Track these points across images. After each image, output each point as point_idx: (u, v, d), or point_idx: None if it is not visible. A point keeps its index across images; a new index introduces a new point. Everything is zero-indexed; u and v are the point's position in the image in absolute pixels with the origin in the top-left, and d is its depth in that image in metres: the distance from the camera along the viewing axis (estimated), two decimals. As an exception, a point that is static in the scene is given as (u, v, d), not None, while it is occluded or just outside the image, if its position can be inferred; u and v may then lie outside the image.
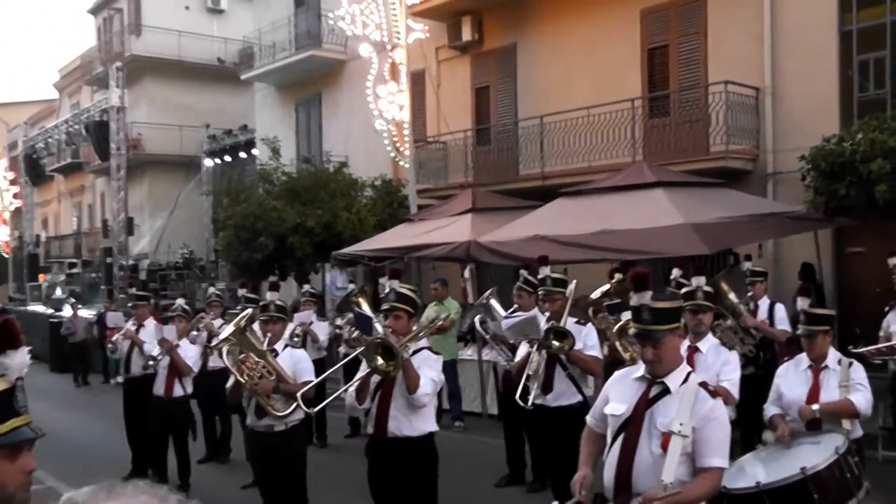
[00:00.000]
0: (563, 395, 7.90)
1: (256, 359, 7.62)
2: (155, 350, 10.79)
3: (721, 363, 6.94)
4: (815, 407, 6.39)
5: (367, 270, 20.60)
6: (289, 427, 7.72)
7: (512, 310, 9.94)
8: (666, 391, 4.73)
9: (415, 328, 6.87)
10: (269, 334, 7.79)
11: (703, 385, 4.76)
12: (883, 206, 12.05)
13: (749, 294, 10.94)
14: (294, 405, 7.61)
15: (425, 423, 6.61)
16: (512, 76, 21.03)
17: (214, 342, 10.28)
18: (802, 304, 6.77)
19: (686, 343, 7.03)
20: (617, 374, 5.18)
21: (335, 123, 25.48)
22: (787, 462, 5.95)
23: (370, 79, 19.82)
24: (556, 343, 7.70)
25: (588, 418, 5.24)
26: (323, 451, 12.63)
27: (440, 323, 9.18)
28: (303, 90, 26.90)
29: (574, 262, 13.35)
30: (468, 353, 14.59)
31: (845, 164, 12.26)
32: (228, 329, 7.89)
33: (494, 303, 10.13)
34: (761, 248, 14.44)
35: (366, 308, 9.87)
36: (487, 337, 10.35)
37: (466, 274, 14.74)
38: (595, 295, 11.05)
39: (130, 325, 11.75)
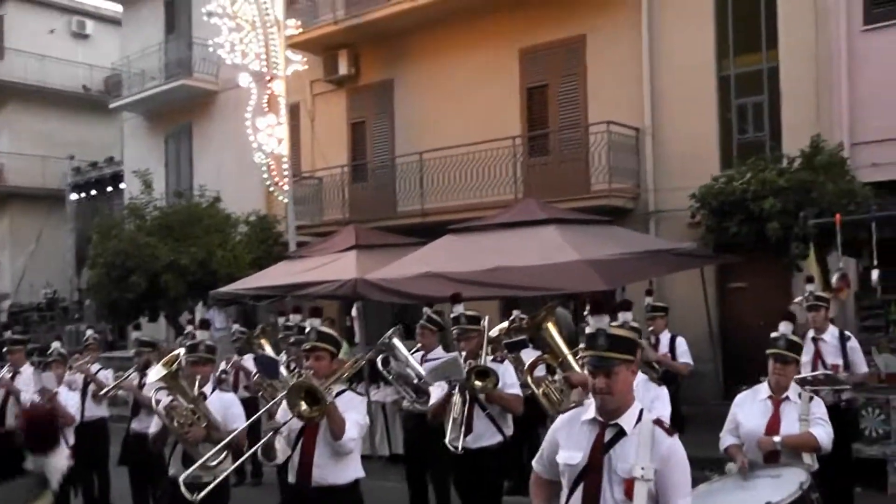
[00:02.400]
0: (484, 435, 7.32)
1: (186, 404, 6.87)
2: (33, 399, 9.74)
3: (651, 399, 6.59)
4: (777, 439, 6.15)
5: (240, 310, 19.71)
6: (217, 478, 6.97)
7: (415, 349, 9.51)
8: (621, 433, 4.33)
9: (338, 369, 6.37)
10: (198, 377, 7.03)
11: (658, 423, 4.39)
12: (774, 243, 12.14)
13: (650, 329, 10.86)
14: (224, 454, 6.88)
15: (351, 469, 6.20)
16: (389, 112, 20.58)
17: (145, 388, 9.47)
18: (785, 329, 6.47)
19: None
20: (563, 418, 4.67)
21: (206, 156, 24.42)
22: (746, 495, 5.73)
23: (249, 110, 19.00)
24: (479, 383, 7.19)
25: (535, 465, 4.77)
26: (256, 488, 11.92)
27: (362, 363, 8.59)
28: (173, 121, 25.64)
29: (468, 299, 12.87)
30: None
31: (736, 202, 12.29)
32: (158, 372, 7.07)
33: (397, 342, 9.55)
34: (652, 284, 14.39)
35: (269, 349, 9.21)
36: (390, 377, 9.73)
37: (353, 313, 14.06)
38: (493, 332, 10.65)
39: (5, 373, 10.63)
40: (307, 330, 6.45)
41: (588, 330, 4.43)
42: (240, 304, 17.19)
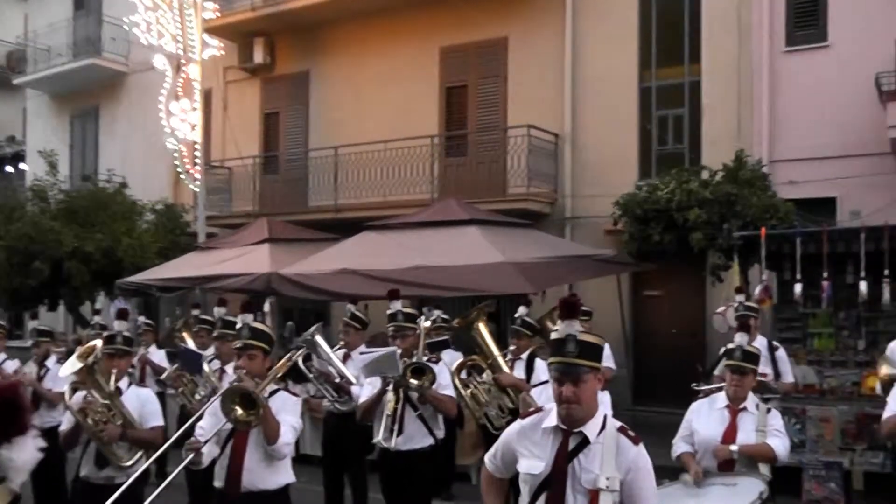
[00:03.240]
0: (414, 437, 6.94)
1: (102, 401, 6.30)
2: None
3: (603, 405, 6.31)
4: (734, 448, 6.02)
5: (141, 302, 18.91)
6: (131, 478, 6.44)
7: (337, 347, 9.13)
8: (585, 442, 4.07)
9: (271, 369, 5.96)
10: (114, 371, 6.45)
11: (623, 430, 4.15)
12: (697, 253, 12.16)
13: None
14: (139, 454, 6.39)
15: (282, 474, 5.82)
16: (304, 104, 20.02)
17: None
18: (741, 339, 6.32)
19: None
20: (520, 424, 4.37)
21: (113, 140, 23.33)
22: (697, 503, 5.60)
23: (163, 93, 18.13)
24: (414, 381, 6.82)
25: (488, 463, 4.50)
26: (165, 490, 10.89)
27: (296, 361, 8.12)
28: (80, 101, 24.43)
29: (380, 298, 12.60)
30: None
31: (660, 211, 12.20)
32: (73, 365, 6.45)
33: (320, 339, 9.10)
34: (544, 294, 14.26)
35: (191, 343, 8.66)
36: (311, 375, 9.28)
37: (266, 308, 13.53)
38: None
39: None
40: (239, 325, 5.98)
41: (555, 335, 4.10)
42: (146, 295, 16.46)
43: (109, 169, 19.14)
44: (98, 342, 6.58)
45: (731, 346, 6.43)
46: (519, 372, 8.49)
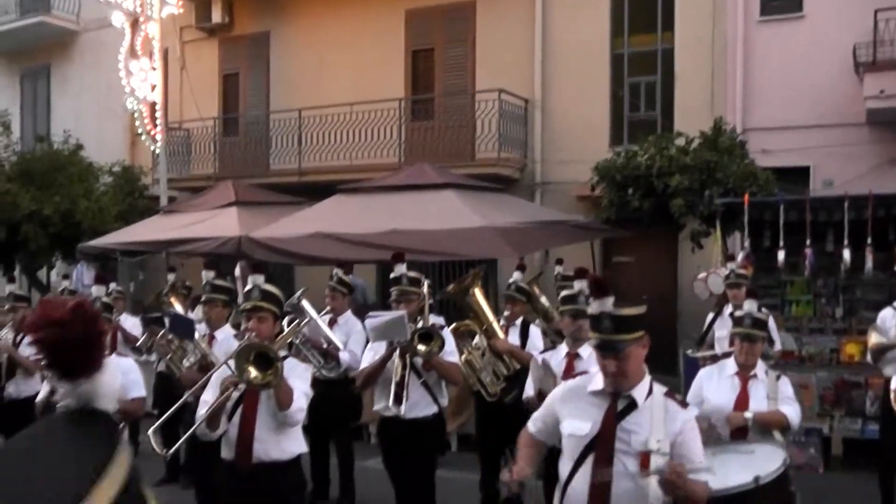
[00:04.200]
0: (418, 405, 6.60)
1: None
2: None
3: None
4: (748, 415, 5.90)
5: (98, 266, 18.26)
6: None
7: (324, 311, 8.86)
8: (633, 405, 4.02)
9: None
10: None
11: (670, 395, 4.13)
12: (675, 219, 12.05)
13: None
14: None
15: (295, 443, 5.46)
16: (264, 65, 19.40)
17: None
18: (751, 306, 6.17)
19: (564, 349, 6.54)
20: (564, 386, 4.39)
21: (65, 101, 22.37)
22: (724, 468, 5.24)
23: (122, 52, 17.36)
24: (422, 347, 6.53)
25: (531, 425, 4.44)
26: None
27: (303, 327, 7.81)
28: (30, 60, 23.32)
29: (362, 261, 12.35)
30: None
31: (639, 177, 12.01)
32: None
33: (307, 304, 8.79)
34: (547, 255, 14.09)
35: (179, 308, 8.28)
36: (297, 341, 8.96)
37: (237, 272, 13.09)
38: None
39: None
40: (248, 288, 5.62)
41: (590, 311, 4.08)
42: (106, 259, 15.88)
43: (66, 129, 18.34)
44: None
45: (739, 313, 6.30)
46: (513, 338, 8.25)
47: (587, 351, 6.37)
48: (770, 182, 12.10)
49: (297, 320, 6.52)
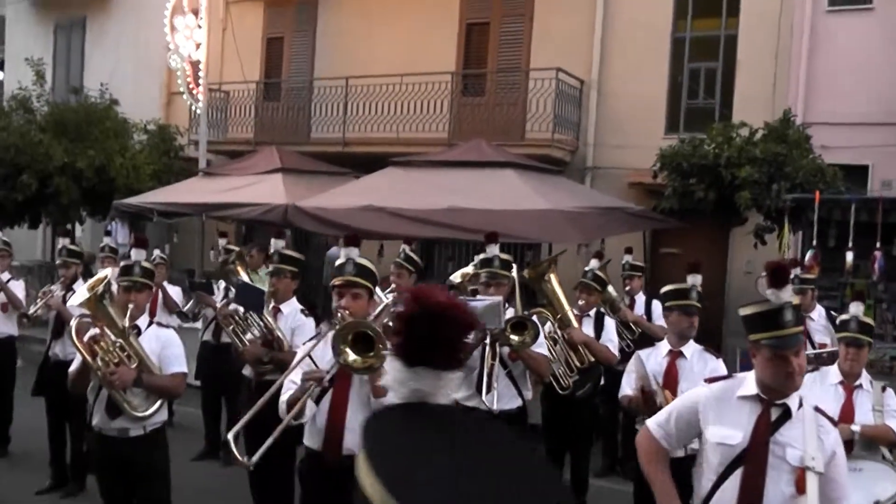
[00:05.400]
0: (503, 397, 6.22)
1: (114, 338, 5.50)
2: None
3: (709, 371, 5.83)
4: (856, 428, 5.59)
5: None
6: (148, 431, 5.65)
7: (388, 290, 8.46)
8: (787, 415, 3.73)
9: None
10: (130, 305, 5.64)
11: (819, 410, 3.83)
12: (742, 212, 11.72)
13: (626, 289, 10.08)
14: (158, 404, 5.62)
15: None
16: (311, 31, 18.91)
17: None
18: (856, 309, 5.78)
19: (665, 346, 6.17)
20: (708, 389, 3.99)
21: (100, 54, 21.80)
22: None
23: (167, 7, 16.92)
24: (515, 337, 6.18)
25: (654, 428, 4.07)
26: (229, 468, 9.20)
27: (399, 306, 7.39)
28: (65, 11, 22.69)
29: (414, 237, 11.97)
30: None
31: (706, 167, 11.59)
32: (81, 295, 5.65)
33: (367, 281, 8.44)
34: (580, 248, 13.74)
35: (246, 277, 7.93)
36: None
37: (281, 243, 12.67)
38: (456, 277, 9.69)
39: None
40: (340, 261, 5.21)
41: (768, 306, 3.70)
42: (140, 218, 15.54)
43: (103, 83, 17.91)
44: (110, 270, 5.83)
45: (844, 317, 5.98)
46: (587, 329, 7.95)
47: (690, 349, 6.06)
48: (837, 179, 11.73)
49: (394, 300, 6.12)
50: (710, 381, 4.15)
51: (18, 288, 9.43)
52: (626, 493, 8.97)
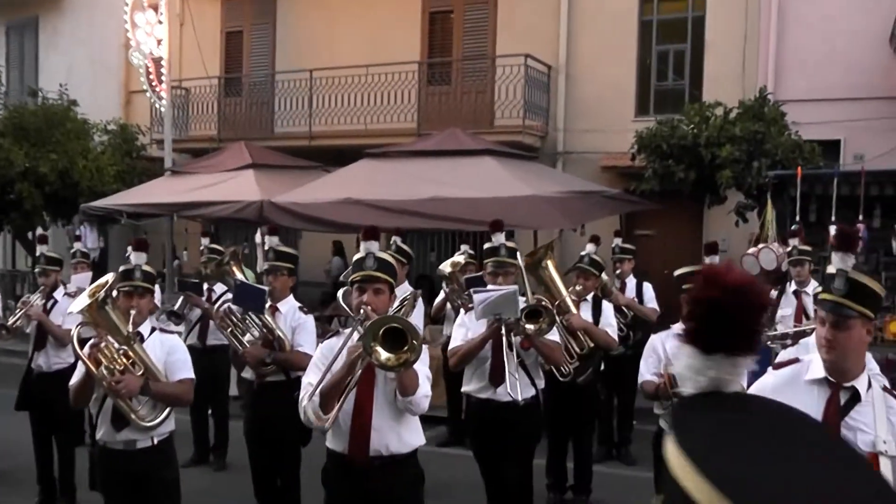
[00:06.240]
0: (515, 387, 5.97)
1: (118, 346, 5.25)
2: None
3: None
4: None
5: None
6: (157, 442, 5.38)
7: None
8: (856, 398, 3.58)
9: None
10: (132, 311, 5.36)
11: (888, 391, 3.69)
12: (722, 191, 11.69)
13: (617, 272, 9.96)
14: (166, 413, 5.35)
15: (415, 434, 4.78)
16: (270, 23, 18.59)
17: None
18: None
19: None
20: (774, 375, 3.86)
21: (55, 55, 21.30)
22: None
23: (128, 3, 16.41)
24: (531, 326, 6.01)
25: None
26: (220, 473, 9.30)
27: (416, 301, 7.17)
28: (16, 11, 22.12)
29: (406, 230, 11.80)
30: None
31: (686, 147, 11.51)
32: (81, 301, 5.36)
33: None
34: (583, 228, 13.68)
35: (241, 276, 7.65)
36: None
37: (258, 238, 12.40)
38: (446, 267, 9.55)
39: None
40: (359, 256, 4.99)
41: (829, 269, 3.61)
42: (109, 221, 15.11)
43: (62, 84, 17.40)
44: (111, 275, 5.57)
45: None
46: (586, 314, 7.80)
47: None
48: (816, 154, 11.72)
49: (414, 293, 5.94)
50: (777, 366, 4.00)
51: None
52: (628, 478, 8.98)
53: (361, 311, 4.64)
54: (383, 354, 4.28)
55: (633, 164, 12.42)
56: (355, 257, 4.95)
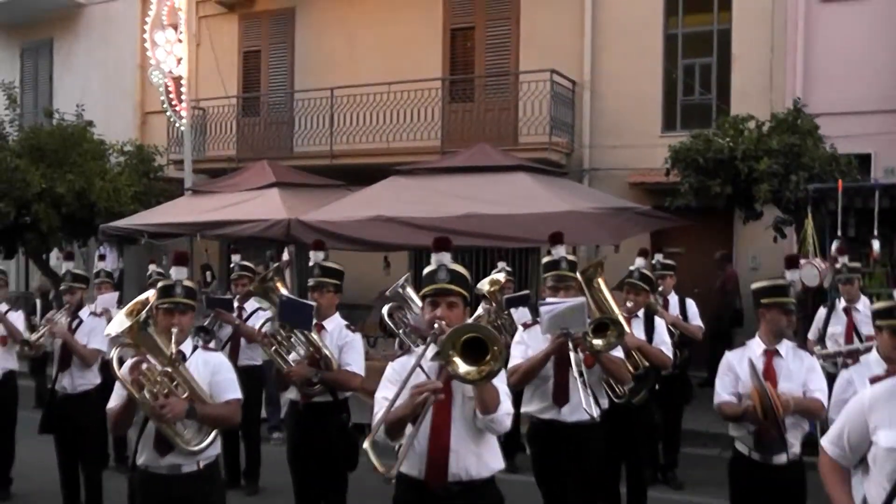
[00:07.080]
0: (580, 407, 5.58)
1: (160, 367, 4.94)
2: None
3: (806, 370, 5.49)
4: None
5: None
6: (202, 467, 5.05)
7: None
8: None
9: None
10: (174, 330, 5.05)
11: None
12: (760, 206, 11.38)
13: (659, 289, 9.48)
14: (213, 436, 5.01)
15: (495, 457, 4.40)
16: (289, 43, 18.36)
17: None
18: None
19: (759, 345, 5.59)
20: (871, 392, 3.59)
21: (69, 76, 21.04)
22: None
23: (148, 22, 16.18)
24: (598, 341, 5.69)
25: (829, 447, 3.70)
26: (252, 498, 9.04)
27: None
28: (31, 34, 21.90)
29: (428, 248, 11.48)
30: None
31: (722, 161, 11.22)
32: (119, 321, 5.05)
33: (411, 291, 7.93)
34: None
35: (285, 292, 7.34)
36: (400, 332, 8.07)
37: (285, 257, 12.14)
38: (484, 286, 9.23)
39: None
40: (431, 268, 4.61)
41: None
42: (128, 242, 14.83)
43: (78, 104, 17.14)
44: (151, 292, 5.25)
45: (882, 304, 5.46)
46: (638, 331, 7.48)
47: (785, 347, 5.62)
48: (853, 167, 11.46)
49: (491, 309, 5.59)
50: (874, 380, 3.72)
51: (18, 320, 8.84)
52: (677, 502, 8.68)
53: (436, 325, 4.33)
54: (463, 367, 3.91)
55: (664, 180, 12.13)
56: (426, 270, 4.63)
